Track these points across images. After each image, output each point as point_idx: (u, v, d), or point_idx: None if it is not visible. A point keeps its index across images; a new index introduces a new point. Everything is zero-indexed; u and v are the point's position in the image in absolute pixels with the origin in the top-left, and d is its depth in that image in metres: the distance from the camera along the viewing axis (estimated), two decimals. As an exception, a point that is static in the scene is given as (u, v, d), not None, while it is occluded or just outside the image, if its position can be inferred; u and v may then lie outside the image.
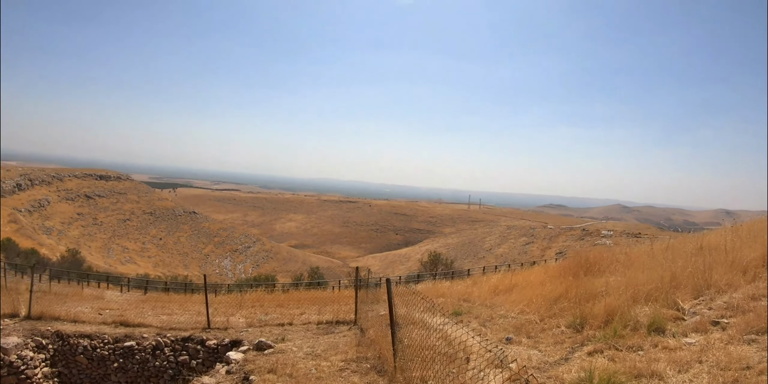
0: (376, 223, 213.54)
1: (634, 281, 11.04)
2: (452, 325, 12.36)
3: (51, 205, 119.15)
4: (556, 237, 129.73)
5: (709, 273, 10.32)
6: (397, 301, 17.35)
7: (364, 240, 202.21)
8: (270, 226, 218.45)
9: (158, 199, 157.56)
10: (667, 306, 9.47)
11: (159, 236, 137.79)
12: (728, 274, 10.18)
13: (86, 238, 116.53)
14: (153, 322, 15.36)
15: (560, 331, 9.90)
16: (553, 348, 9.08)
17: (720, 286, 9.78)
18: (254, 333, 13.70)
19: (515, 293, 14.27)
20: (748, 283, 9.76)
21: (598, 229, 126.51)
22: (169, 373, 13.52)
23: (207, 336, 13.85)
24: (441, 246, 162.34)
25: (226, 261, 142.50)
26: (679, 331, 8.33)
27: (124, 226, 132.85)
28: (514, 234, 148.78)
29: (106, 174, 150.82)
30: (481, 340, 10.27)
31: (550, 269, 16.76)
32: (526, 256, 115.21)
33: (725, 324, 8.07)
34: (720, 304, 8.97)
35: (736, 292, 9.35)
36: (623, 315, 9.15)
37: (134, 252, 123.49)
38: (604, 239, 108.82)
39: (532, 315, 11.40)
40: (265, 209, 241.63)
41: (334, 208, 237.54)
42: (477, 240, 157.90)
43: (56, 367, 14.05)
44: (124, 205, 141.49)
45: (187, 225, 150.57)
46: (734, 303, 8.74)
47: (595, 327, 9.33)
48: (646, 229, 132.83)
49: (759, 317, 7.67)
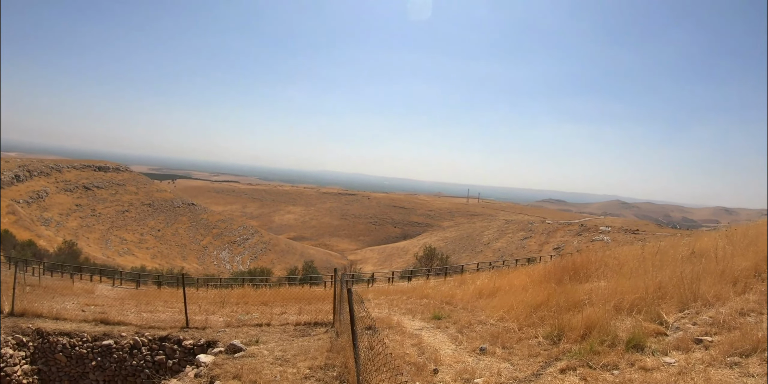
0: (375, 215, 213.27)
1: (619, 289, 10.60)
2: (430, 330, 12.15)
3: (49, 197, 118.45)
4: (554, 232, 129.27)
5: (697, 284, 9.81)
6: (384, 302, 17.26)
7: (362, 233, 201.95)
8: (269, 218, 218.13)
9: (157, 191, 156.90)
10: (651, 319, 9.02)
11: (157, 228, 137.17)
12: (717, 285, 9.70)
13: (84, 229, 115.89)
14: (133, 320, 15.28)
15: (537, 342, 9.48)
16: (526, 361, 8.67)
17: (708, 298, 9.29)
18: (231, 333, 13.53)
19: (498, 298, 13.83)
20: (737, 296, 9.29)
21: (596, 225, 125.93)
22: (146, 372, 13.44)
23: (184, 336, 13.72)
24: (439, 239, 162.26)
25: (224, 253, 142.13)
26: (659, 348, 7.89)
27: (123, 218, 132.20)
28: (512, 228, 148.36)
29: (105, 165, 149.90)
30: (455, 348, 10.00)
31: (535, 273, 16.27)
32: (523, 251, 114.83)
33: (709, 343, 7.60)
34: (705, 319, 8.50)
35: (723, 306, 8.89)
36: (602, 328, 8.73)
37: (132, 243, 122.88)
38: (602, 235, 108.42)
39: (511, 323, 10.98)
40: (264, 201, 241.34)
41: (333, 201, 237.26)
42: (475, 234, 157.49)
43: (36, 365, 14.03)
44: (122, 196, 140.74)
45: (185, 216, 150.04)
46: (720, 318, 8.29)
47: (573, 340, 8.90)
48: (645, 225, 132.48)
49: (744, 336, 7.21)
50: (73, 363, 13.91)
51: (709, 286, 9.66)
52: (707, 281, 9.94)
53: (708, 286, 9.67)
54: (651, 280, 10.67)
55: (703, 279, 10.07)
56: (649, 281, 10.63)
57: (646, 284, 10.45)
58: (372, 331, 12.13)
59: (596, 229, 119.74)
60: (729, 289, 9.60)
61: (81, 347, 13.95)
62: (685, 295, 9.61)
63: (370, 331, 12.13)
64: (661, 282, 10.47)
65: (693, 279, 10.07)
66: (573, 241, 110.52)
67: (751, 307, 8.55)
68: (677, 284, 10.08)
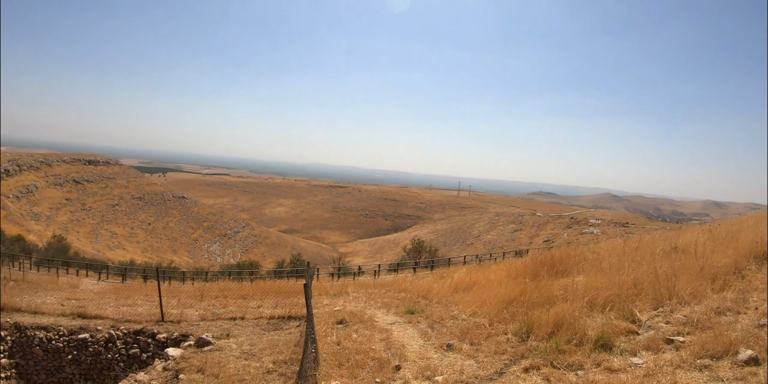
0: (366, 208, 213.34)
1: (594, 285, 10.36)
2: (401, 325, 12.06)
3: (39, 191, 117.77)
4: (545, 224, 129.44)
5: (674, 280, 9.56)
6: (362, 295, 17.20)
7: (353, 225, 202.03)
8: (260, 211, 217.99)
9: (147, 184, 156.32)
10: (623, 316, 8.77)
11: (148, 221, 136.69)
12: (695, 282, 9.46)
13: (74, 223, 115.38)
14: (110, 314, 15.32)
15: (506, 338, 9.28)
16: (491, 359, 8.47)
17: (684, 296, 9.03)
18: (204, 327, 13.56)
19: (473, 292, 13.65)
20: (715, 293, 9.07)
21: (587, 218, 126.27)
22: (121, 365, 13.48)
23: (158, 329, 13.84)
24: (430, 232, 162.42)
25: (215, 246, 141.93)
26: (628, 348, 7.62)
27: (113, 211, 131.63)
28: (502, 221, 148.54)
29: (95, 159, 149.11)
30: (423, 344, 9.84)
31: (512, 267, 16.04)
32: (514, 244, 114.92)
33: (680, 343, 7.32)
34: (679, 317, 8.22)
35: (699, 304, 8.65)
36: (570, 326, 8.48)
37: (123, 237, 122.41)
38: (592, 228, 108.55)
39: (483, 318, 10.78)
40: (255, 194, 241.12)
41: (324, 193, 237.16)
42: (466, 226, 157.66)
43: (14, 359, 14.04)
44: (112, 190, 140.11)
45: (176, 210, 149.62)
46: (695, 317, 8.02)
47: (540, 337, 8.68)
48: (635, 218, 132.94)
49: (717, 337, 6.92)
50: (49, 357, 13.92)
51: (687, 283, 9.43)
52: (685, 278, 9.70)
53: (685, 283, 9.43)
54: (627, 276, 10.43)
55: (680, 275, 9.83)
56: (625, 277, 10.39)
57: (622, 280, 10.21)
58: (343, 326, 12.11)
59: (586, 222, 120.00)
60: (707, 286, 9.37)
61: (57, 341, 13.99)
62: (660, 292, 9.36)
63: (341, 326, 12.10)
64: (638, 278, 10.21)
65: (670, 275, 9.84)
66: (563, 234, 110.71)
67: (728, 306, 8.31)
68: (653, 281, 9.84)
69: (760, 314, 7.81)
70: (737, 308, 8.27)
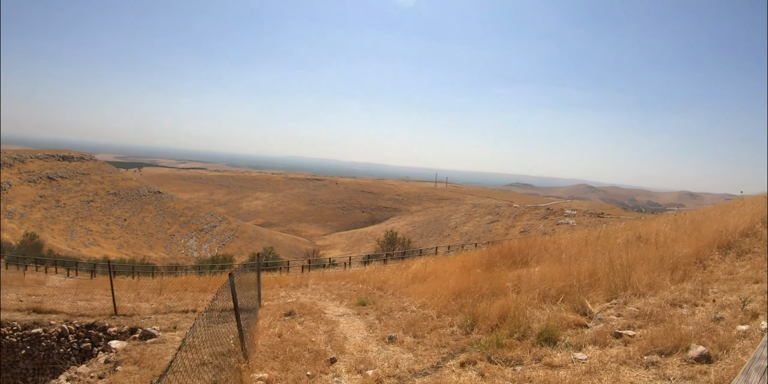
0: (343, 200, 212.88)
1: (549, 275, 10.04)
2: (350, 316, 11.87)
3: (12, 188, 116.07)
4: (521, 216, 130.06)
5: (629, 271, 9.21)
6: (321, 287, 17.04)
7: (330, 218, 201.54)
8: (236, 205, 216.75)
9: (122, 179, 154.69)
10: (574, 308, 8.40)
11: (123, 217, 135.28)
12: (654, 273, 9.16)
13: (49, 220, 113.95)
14: (65, 309, 15.28)
15: (450, 331, 8.96)
16: (430, 352, 8.16)
17: (639, 287, 8.67)
18: (155, 320, 13.65)
19: (428, 283, 13.44)
20: (674, 284, 8.77)
21: (563, 209, 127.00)
22: (73, 359, 13.34)
23: (110, 323, 13.88)
24: (407, 224, 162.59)
25: (192, 241, 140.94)
26: (574, 342, 7.21)
27: (88, 208, 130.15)
28: (479, 212, 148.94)
29: (69, 154, 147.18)
30: (366, 336, 9.60)
31: (469, 258, 15.85)
32: (490, 235, 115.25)
33: (629, 337, 6.88)
34: (632, 310, 7.82)
35: (655, 296, 8.30)
36: (515, 318, 8.13)
37: (98, 234, 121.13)
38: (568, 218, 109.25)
39: (431, 310, 10.53)
40: (232, 187, 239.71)
41: (301, 186, 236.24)
42: (443, 218, 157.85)
43: None
44: (87, 185, 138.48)
45: (151, 205, 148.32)
46: (648, 310, 7.59)
47: (484, 330, 8.35)
48: (610, 209, 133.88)
49: (668, 332, 6.46)
50: (3, 352, 13.74)
51: (644, 274, 9.09)
52: (643, 268, 9.38)
53: (643, 274, 9.10)
54: (584, 267, 10.07)
55: (639, 266, 9.50)
56: (582, 267, 10.03)
57: (579, 271, 9.86)
58: (290, 317, 11.93)
59: (562, 212, 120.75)
60: (666, 276, 9.08)
61: (11, 336, 13.83)
62: (615, 283, 9.01)
63: (288, 317, 11.93)
64: (595, 269, 9.86)
65: (627, 265, 9.50)
66: (539, 225, 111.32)
67: (685, 298, 7.96)
68: (609, 271, 9.50)
69: (717, 307, 7.45)
70: (695, 300, 7.92)
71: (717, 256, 10.26)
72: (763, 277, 8.45)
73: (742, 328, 6.38)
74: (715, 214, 15.18)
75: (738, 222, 12.22)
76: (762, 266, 9.14)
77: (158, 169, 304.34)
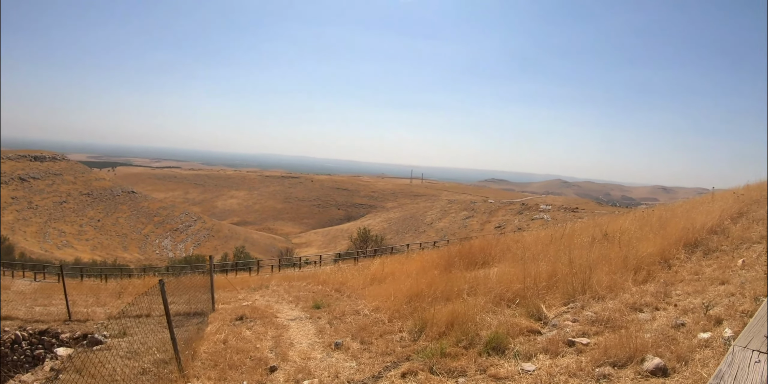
0: (318, 198, 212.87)
1: (507, 277, 9.55)
2: (302, 320, 11.45)
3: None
4: (496, 211, 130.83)
5: (589, 272, 8.70)
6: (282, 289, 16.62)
7: (306, 215, 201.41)
8: (211, 204, 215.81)
9: (95, 179, 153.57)
10: (529, 313, 7.89)
11: (97, 218, 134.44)
12: (616, 274, 8.67)
13: (21, 223, 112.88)
14: (21, 315, 15.19)
15: (399, 337, 8.49)
16: (375, 360, 7.72)
17: (599, 289, 8.16)
18: (106, 325, 12.97)
19: (385, 284, 12.89)
20: (636, 286, 8.29)
21: (537, 204, 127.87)
22: (26, 367, 13.06)
23: (63, 329, 13.76)
24: (383, 220, 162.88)
25: (167, 241, 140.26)
26: (524, 350, 6.67)
27: (61, 209, 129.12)
28: (455, 208, 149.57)
29: (41, 155, 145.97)
30: (313, 342, 9.20)
31: (428, 258, 15.36)
32: (465, 230, 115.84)
33: (583, 346, 6.35)
34: (589, 315, 7.32)
35: (615, 299, 7.79)
36: (463, 325, 7.63)
37: (71, 235, 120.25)
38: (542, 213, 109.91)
39: (384, 314, 10.04)
40: (207, 186, 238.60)
41: (277, 184, 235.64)
42: (418, 214, 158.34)
43: None
44: (60, 186, 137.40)
45: (125, 205, 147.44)
46: (605, 315, 7.08)
47: (431, 337, 7.86)
48: (585, 203, 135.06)
49: (624, 341, 5.94)
50: None
51: (606, 275, 8.59)
52: (605, 269, 8.88)
53: (604, 275, 8.60)
54: (544, 267, 9.58)
55: (601, 266, 9.00)
56: (542, 268, 9.51)
57: (538, 272, 9.35)
58: (241, 322, 11.62)
59: (537, 207, 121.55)
60: (629, 277, 8.60)
61: None
62: (574, 285, 8.51)
63: (239, 322, 11.66)
64: (556, 269, 9.35)
65: (588, 266, 8.99)
66: (514, 220, 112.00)
67: (646, 301, 7.48)
68: (569, 272, 8.98)
69: (680, 311, 6.95)
70: (656, 303, 7.43)
71: (683, 255, 9.87)
72: (729, 278, 8.02)
73: (704, 336, 5.86)
74: (682, 210, 14.97)
75: (706, 219, 11.91)
76: (729, 265, 8.76)
77: (132, 169, 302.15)
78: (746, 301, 6.78)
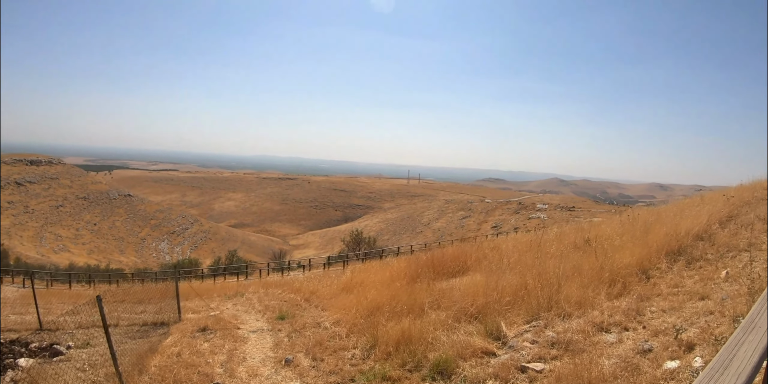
0: (316, 199, 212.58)
1: (473, 290, 8.89)
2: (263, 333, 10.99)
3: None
4: (493, 211, 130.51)
5: (558, 285, 8.06)
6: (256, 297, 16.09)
7: (303, 217, 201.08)
8: (209, 206, 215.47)
9: (92, 183, 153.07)
10: (487, 332, 7.28)
11: (93, 221, 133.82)
12: (588, 287, 8.01)
13: (17, 227, 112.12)
14: None
15: (351, 354, 8.02)
16: (319, 380, 7.30)
17: (566, 305, 7.50)
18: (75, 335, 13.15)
19: (352, 295, 12.30)
20: (609, 300, 7.61)
21: (534, 203, 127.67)
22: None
23: (33, 338, 13.36)
24: (380, 221, 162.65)
25: (164, 244, 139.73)
26: (472, 375, 6.07)
27: (57, 213, 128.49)
28: (452, 208, 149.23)
29: (37, 159, 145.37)
30: (265, 358, 9.17)
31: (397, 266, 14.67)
32: (462, 230, 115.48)
33: (535, 373, 5.73)
34: (551, 335, 6.65)
35: (582, 317, 7.12)
36: (412, 344, 7.13)
37: (68, 239, 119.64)
38: (539, 213, 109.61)
39: (343, 327, 9.60)
40: (204, 188, 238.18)
41: (274, 186, 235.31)
42: (416, 215, 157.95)
43: None
44: (56, 190, 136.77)
45: (122, 208, 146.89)
46: (567, 337, 6.43)
47: (380, 356, 7.38)
48: (582, 202, 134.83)
49: (579, 369, 5.30)
50: None
51: (577, 289, 7.93)
52: (578, 281, 8.22)
53: (575, 288, 7.94)
54: (511, 279, 8.89)
55: (573, 278, 8.33)
56: (509, 280, 8.84)
57: (504, 285, 8.69)
58: (202, 333, 11.25)
59: (534, 206, 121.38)
60: (602, 291, 7.92)
61: None
62: (540, 300, 7.84)
63: (200, 334, 11.37)
64: (525, 281, 8.62)
65: (557, 279, 8.33)
66: (511, 219, 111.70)
67: (616, 320, 6.80)
68: (538, 285, 8.29)
69: (649, 333, 6.23)
70: (626, 322, 6.73)
71: (664, 264, 9.08)
72: (710, 293, 7.24)
73: (671, 365, 5.12)
74: (669, 214, 14.12)
75: (692, 224, 11.11)
76: (711, 277, 7.99)
77: (129, 172, 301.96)
78: (724, 321, 5.99)
